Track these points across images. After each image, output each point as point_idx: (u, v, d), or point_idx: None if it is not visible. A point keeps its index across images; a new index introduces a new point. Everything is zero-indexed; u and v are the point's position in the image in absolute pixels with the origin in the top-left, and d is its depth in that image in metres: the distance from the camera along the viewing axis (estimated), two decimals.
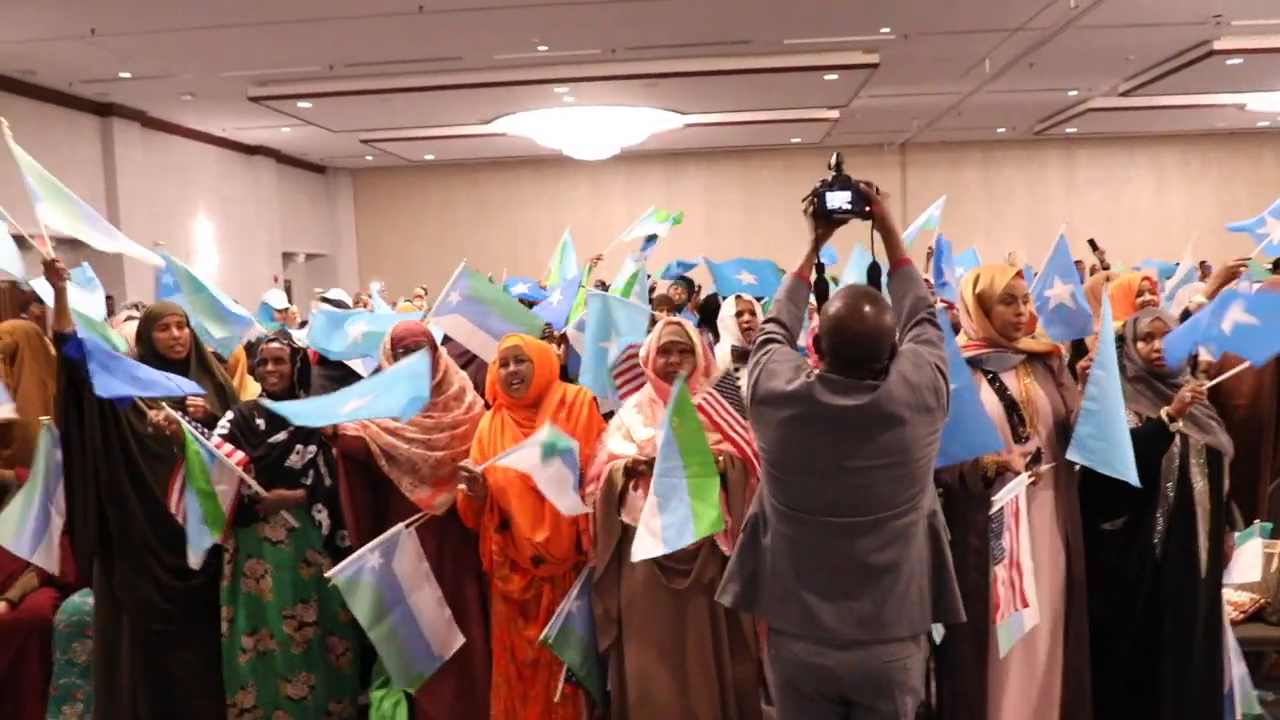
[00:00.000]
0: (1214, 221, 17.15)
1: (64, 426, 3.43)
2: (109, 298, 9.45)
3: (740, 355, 4.14)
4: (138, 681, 3.41)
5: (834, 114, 14.70)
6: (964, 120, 15.68)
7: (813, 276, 2.68)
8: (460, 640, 3.25)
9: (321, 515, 3.36)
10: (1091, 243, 8.69)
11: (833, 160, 2.62)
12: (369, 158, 17.84)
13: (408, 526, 3.17)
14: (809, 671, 2.40)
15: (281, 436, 3.36)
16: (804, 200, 2.64)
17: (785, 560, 2.41)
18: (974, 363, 3.06)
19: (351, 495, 3.40)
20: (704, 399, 2.97)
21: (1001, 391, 3.07)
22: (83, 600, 3.75)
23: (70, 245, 4.59)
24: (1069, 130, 16.13)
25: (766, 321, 2.62)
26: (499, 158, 18.17)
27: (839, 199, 2.56)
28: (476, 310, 4.00)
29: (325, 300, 7.22)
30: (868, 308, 2.35)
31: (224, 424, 3.37)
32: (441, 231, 18.68)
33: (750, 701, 3.20)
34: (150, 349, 3.50)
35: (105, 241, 3.75)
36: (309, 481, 3.35)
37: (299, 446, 3.36)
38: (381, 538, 3.10)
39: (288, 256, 17.27)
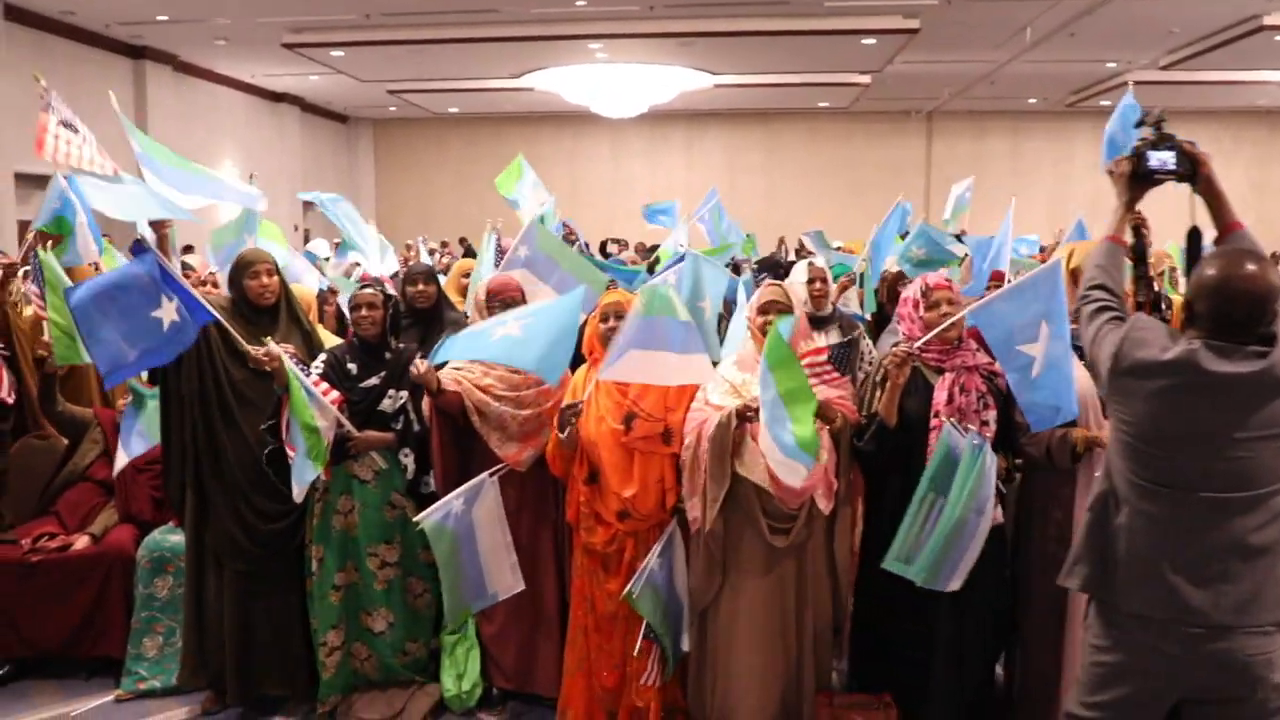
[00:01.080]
0: (1245, 200, 17.13)
1: (159, 370, 3.48)
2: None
3: (815, 323, 4.14)
4: (224, 619, 3.50)
5: (865, 79, 14.59)
6: (995, 89, 15.56)
7: (1129, 239, 2.58)
8: (520, 585, 3.28)
9: (408, 460, 3.41)
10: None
11: (1152, 117, 2.45)
12: (392, 108, 17.75)
13: (491, 475, 3.22)
14: (1157, 661, 2.20)
15: (374, 381, 3.40)
16: (1118, 161, 2.48)
17: (1146, 540, 2.22)
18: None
19: (441, 445, 3.46)
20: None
21: None
22: (163, 537, 3.82)
23: None
24: (1103, 103, 15.98)
25: (1092, 289, 2.41)
26: (521, 112, 18.09)
27: (1162, 159, 2.40)
28: (544, 265, 4.02)
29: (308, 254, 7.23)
30: (1251, 266, 2.13)
31: (318, 364, 3.40)
32: (460, 184, 18.62)
33: (824, 660, 3.28)
34: (241, 295, 3.52)
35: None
36: (399, 426, 3.40)
37: (391, 391, 3.40)
38: (466, 485, 3.15)
39: (308, 205, 17.23)
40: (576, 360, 3.36)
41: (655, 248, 8.05)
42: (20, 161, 9.88)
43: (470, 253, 10.75)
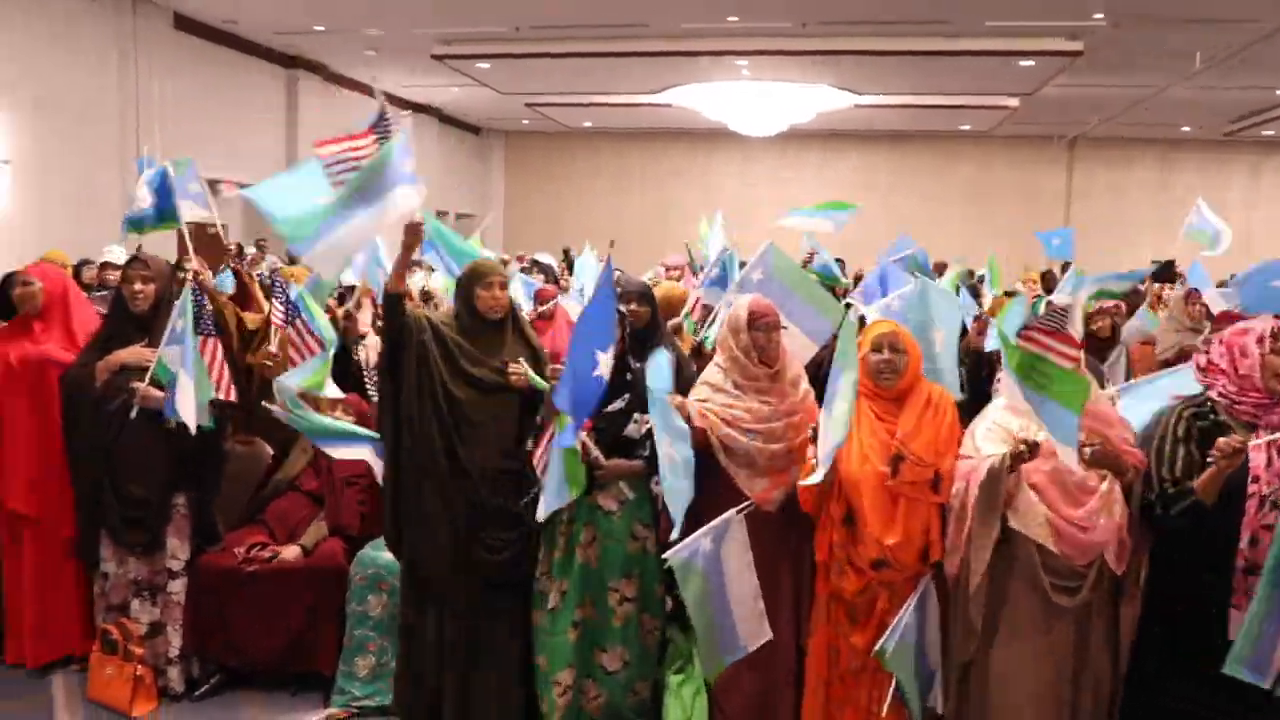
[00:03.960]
0: None
1: (381, 390, 3.40)
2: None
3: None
4: (443, 654, 3.35)
5: (1014, 102, 14.12)
6: (1148, 115, 14.88)
7: None
8: (767, 635, 3.10)
9: (658, 488, 3.25)
10: None
11: None
12: (525, 121, 17.91)
13: (738, 513, 3.04)
14: None
15: (619, 405, 3.25)
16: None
17: None
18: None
19: None
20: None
21: None
22: (376, 553, 3.73)
23: None
24: (1265, 133, 15.15)
25: None
26: (653, 128, 18.06)
27: None
28: (778, 291, 3.82)
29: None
30: None
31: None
32: (589, 198, 18.70)
33: None
34: (467, 306, 3.40)
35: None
36: (646, 453, 3.24)
37: (636, 416, 3.24)
38: (714, 523, 2.97)
39: (440, 215, 17.48)
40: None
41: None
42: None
43: (571, 264, 10.62)
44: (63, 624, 3.88)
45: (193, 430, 3.52)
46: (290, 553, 3.78)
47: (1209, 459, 2.67)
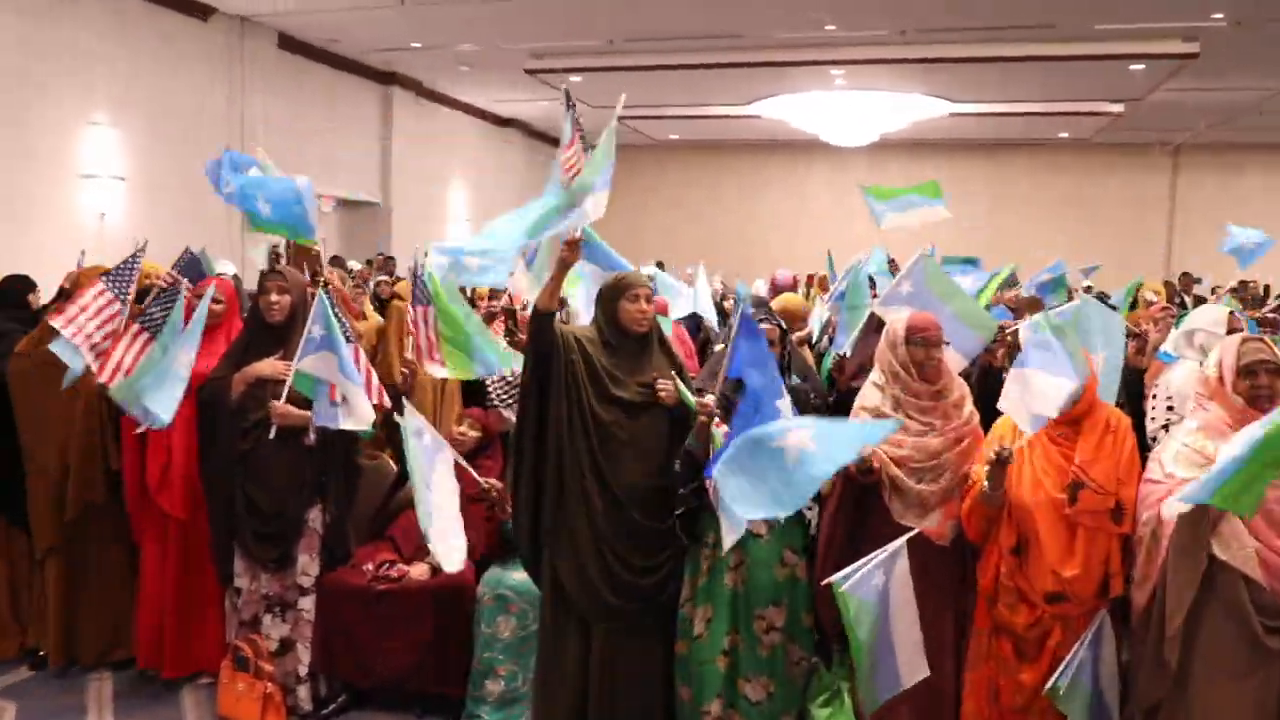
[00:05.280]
0: None
1: (522, 406, 3.32)
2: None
3: None
4: (585, 679, 3.23)
5: (1118, 108, 13.61)
6: (1261, 120, 14.20)
7: None
8: (925, 671, 2.91)
9: (812, 514, 3.10)
10: None
11: None
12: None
13: (906, 539, 2.86)
14: None
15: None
16: None
17: None
18: None
19: (837, 512, 3.12)
20: None
21: None
22: (505, 574, 3.64)
23: None
24: None
25: None
26: (740, 140, 17.87)
27: None
28: (929, 304, 3.64)
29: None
30: None
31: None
32: (673, 212, 18.58)
33: None
34: (610, 320, 3.29)
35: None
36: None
37: None
38: (883, 553, 2.80)
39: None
40: None
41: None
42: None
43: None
44: (200, 638, 3.89)
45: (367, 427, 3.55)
46: (419, 571, 3.72)
47: None
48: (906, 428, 3.02)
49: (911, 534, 2.87)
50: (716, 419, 3.04)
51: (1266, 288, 10.67)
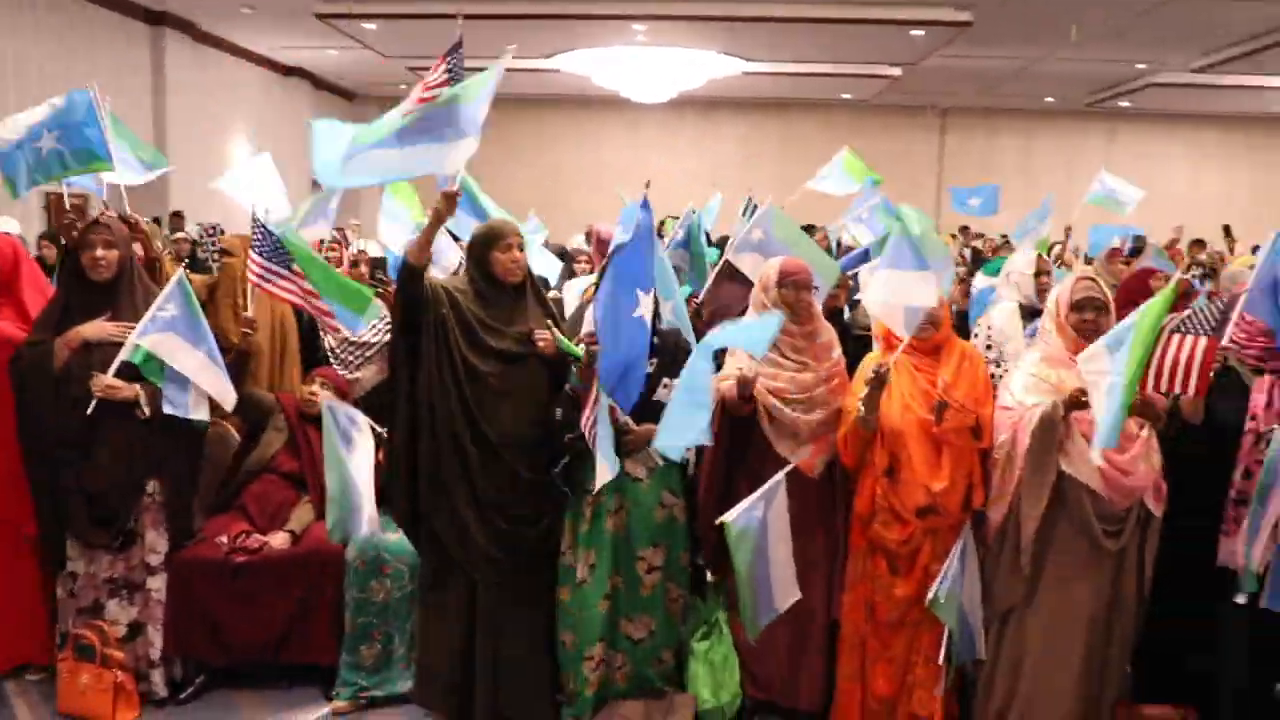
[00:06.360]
0: (1248, 204, 17.39)
1: (393, 361, 3.19)
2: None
3: (1029, 314, 3.99)
4: (471, 633, 3.18)
5: (896, 71, 14.50)
6: (1018, 87, 15.57)
7: None
8: (796, 595, 3.07)
9: (690, 453, 3.17)
10: (1226, 229, 8.64)
11: None
12: (403, 85, 17.19)
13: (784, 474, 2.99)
14: None
15: (647, 369, 3.13)
16: None
17: None
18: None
19: (716, 452, 3.19)
20: None
21: None
22: (380, 537, 3.51)
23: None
24: (1122, 104, 16.08)
25: None
26: (538, 94, 17.68)
27: None
28: (779, 251, 3.79)
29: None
30: None
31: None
32: (472, 168, 18.18)
33: (1124, 668, 3.12)
34: (482, 271, 3.21)
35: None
36: None
37: (666, 379, 3.14)
38: (765, 488, 2.92)
39: (316, 185, 16.69)
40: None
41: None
42: None
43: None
44: (21, 630, 3.50)
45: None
46: (279, 540, 3.52)
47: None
48: (781, 364, 3.15)
49: (789, 468, 3.01)
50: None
51: (1004, 236, 11.70)
